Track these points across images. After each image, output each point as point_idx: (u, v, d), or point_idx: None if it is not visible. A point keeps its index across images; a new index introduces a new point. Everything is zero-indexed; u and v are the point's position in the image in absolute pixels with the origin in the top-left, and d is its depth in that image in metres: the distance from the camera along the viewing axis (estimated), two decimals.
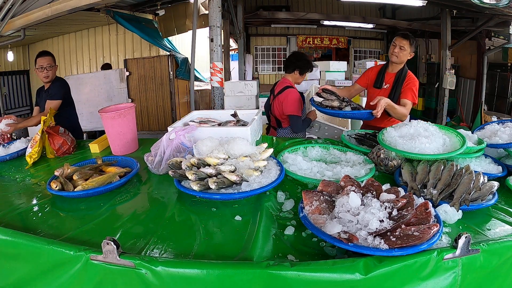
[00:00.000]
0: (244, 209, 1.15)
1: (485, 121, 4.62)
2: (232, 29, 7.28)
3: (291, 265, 0.77)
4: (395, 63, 2.23)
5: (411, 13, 8.32)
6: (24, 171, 1.67)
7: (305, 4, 9.50)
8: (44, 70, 2.52)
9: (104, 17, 5.14)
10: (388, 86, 2.25)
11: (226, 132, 1.56)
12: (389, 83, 2.24)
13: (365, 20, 8.55)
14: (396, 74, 2.23)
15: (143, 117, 5.97)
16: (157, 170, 1.49)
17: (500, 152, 1.62)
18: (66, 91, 2.62)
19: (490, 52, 6.47)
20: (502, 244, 0.90)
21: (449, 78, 6.34)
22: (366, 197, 1.01)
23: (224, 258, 0.88)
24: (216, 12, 3.39)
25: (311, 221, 0.95)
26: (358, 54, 10.68)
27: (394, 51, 2.18)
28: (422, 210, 0.95)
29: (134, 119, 1.90)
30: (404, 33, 2.20)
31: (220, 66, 3.48)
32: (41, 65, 2.51)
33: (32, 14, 3.82)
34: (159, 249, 0.92)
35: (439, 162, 1.31)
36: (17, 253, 0.95)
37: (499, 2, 3.59)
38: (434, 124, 1.56)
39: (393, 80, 2.22)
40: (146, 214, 1.15)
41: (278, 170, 1.32)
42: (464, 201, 1.09)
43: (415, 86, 2.17)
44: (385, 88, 2.25)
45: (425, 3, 5.28)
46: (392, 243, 0.81)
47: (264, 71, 10.90)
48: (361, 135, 1.90)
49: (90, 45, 6.86)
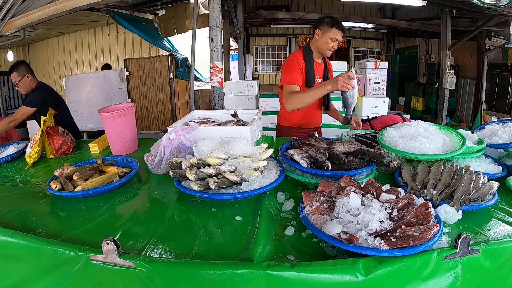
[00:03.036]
0: (244, 209, 1.15)
1: (485, 121, 4.62)
2: (232, 29, 7.28)
3: (292, 266, 0.77)
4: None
5: (411, 13, 8.32)
6: (24, 171, 1.66)
7: (305, 4, 9.50)
8: (16, 86, 2.58)
9: (104, 17, 5.14)
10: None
11: (226, 132, 1.56)
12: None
13: (365, 20, 8.55)
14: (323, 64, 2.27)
15: (143, 117, 5.97)
16: (157, 170, 1.49)
17: (500, 152, 1.62)
18: (46, 100, 2.61)
19: (490, 52, 6.47)
20: (502, 244, 0.90)
21: (449, 78, 6.34)
22: (366, 197, 1.01)
23: (224, 258, 0.88)
24: (216, 12, 3.39)
25: (311, 222, 0.95)
26: (358, 54, 10.68)
27: (335, 47, 2.15)
28: (422, 210, 0.95)
29: (134, 119, 1.90)
30: (341, 26, 2.11)
31: (220, 66, 3.47)
32: (12, 82, 2.61)
33: (32, 14, 3.82)
34: (159, 249, 0.92)
35: (439, 163, 1.31)
36: (17, 254, 0.95)
37: (499, 2, 3.59)
38: (434, 124, 1.56)
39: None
40: (146, 214, 1.15)
41: (278, 170, 1.32)
42: (464, 201, 1.09)
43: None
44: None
45: (425, 3, 5.27)
46: (392, 244, 0.81)
47: (264, 71, 10.90)
48: (361, 135, 1.90)
49: (90, 45, 6.86)
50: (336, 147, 1.42)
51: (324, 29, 2.10)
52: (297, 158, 1.33)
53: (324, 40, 2.11)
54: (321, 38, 2.12)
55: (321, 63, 2.28)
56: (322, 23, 2.12)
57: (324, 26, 2.10)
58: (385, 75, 4.93)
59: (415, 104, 8.44)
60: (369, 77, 4.92)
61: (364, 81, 4.93)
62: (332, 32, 2.07)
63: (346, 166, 1.33)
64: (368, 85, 4.89)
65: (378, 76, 4.92)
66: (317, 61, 2.23)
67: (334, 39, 2.09)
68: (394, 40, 10.54)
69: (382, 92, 4.91)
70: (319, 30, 2.12)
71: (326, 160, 1.31)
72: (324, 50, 2.14)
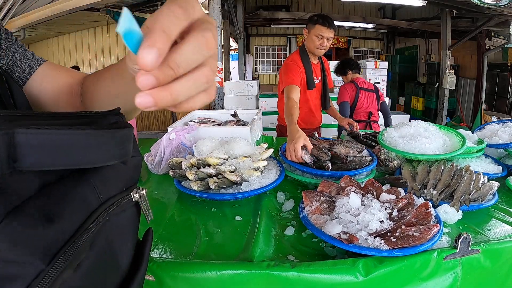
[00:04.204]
0: (244, 209, 1.15)
1: (485, 121, 4.62)
2: (232, 29, 7.29)
3: (292, 266, 0.77)
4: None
5: (411, 13, 8.32)
6: None
7: (305, 4, 9.50)
8: None
9: (104, 17, 5.14)
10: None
11: (226, 132, 1.56)
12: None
13: (365, 20, 8.56)
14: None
15: (143, 117, 5.98)
16: (157, 170, 1.49)
17: (500, 152, 1.62)
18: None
19: (490, 52, 6.47)
20: (502, 244, 0.90)
21: (449, 78, 6.35)
22: (367, 197, 1.01)
23: (225, 258, 0.88)
24: (216, 12, 3.39)
25: (311, 222, 0.95)
26: (358, 54, 10.69)
27: (324, 44, 2.08)
28: (423, 210, 0.95)
29: (134, 119, 1.90)
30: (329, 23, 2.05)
31: (220, 66, 3.48)
32: None
33: (32, 14, 3.82)
34: (159, 249, 0.92)
35: (439, 163, 1.31)
36: None
37: (499, 2, 3.60)
38: (434, 124, 1.56)
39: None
40: None
41: (278, 170, 1.32)
42: (464, 201, 1.09)
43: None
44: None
45: (425, 3, 5.28)
46: (392, 244, 0.81)
47: (264, 71, 10.90)
48: (361, 135, 1.90)
49: (90, 45, 6.87)
50: (337, 149, 1.42)
51: (309, 27, 2.08)
52: (301, 153, 1.32)
53: (310, 38, 2.08)
54: (308, 37, 2.09)
55: (318, 64, 2.27)
56: (308, 21, 2.10)
57: (309, 24, 2.07)
58: (385, 75, 4.94)
59: (415, 104, 8.45)
60: (369, 77, 4.93)
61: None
62: (316, 28, 2.03)
63: (347, 166, 1.33)
64: None
65: (378, 76, 4.93)
66: (314, 62, 2.22)
67: (319, 36, 2.03)
68: (394, 40, 10.55)
69: (382, 92, 4.91)
70: (306, 29, 2.10)
71: (327, 160, 1.31)
72: (313, 48, 2.09)
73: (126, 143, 0.36)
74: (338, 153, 1.35)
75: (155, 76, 0.27)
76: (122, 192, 0.40)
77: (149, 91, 0.27)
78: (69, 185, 0.33)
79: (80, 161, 0.31)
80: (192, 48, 0.28)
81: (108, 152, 0.33)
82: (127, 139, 0.36)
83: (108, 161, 0.34)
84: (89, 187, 0.34)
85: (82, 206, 0.33)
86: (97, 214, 0.34)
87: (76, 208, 0.32)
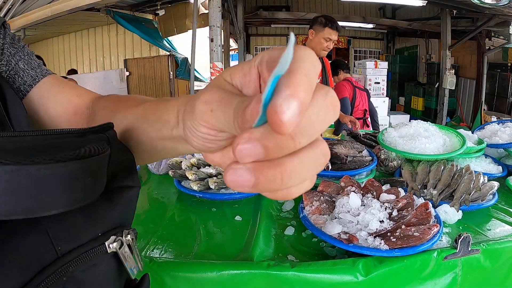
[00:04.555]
0: (244, 209, 1.15)
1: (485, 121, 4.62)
2: (232, 29, 7.29)
3: (292, 266, 0.77)
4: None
5: (411, 13, 8.32)
6: None
7: (305, 4, 9.49)
8: None
9: (104, 17, 5.14)
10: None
11: None
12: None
13: (365, 20, 8.56)
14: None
15: None
16: (157, 170, 1.49)
17: (500, 152, 1.62)
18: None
19: (490, 52, 6.47)
20: (502, 244, 0.90)
21: (449, 78, 6.34)
22: (366, 197, 1.01)
23: (225, 258, 0.88)
24: (216, 12, 3.39)
25: (311, 222, 0.95)
26: (358, 54, 10.68)
27: (330, 47, 2.11)
28: (422, 210, 0.95)
29: None
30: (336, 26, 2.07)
31: (220, 66, 3.48)
32: None
33: (32, 14, 3.82)
34: (159, 249, 0.92)
35: (439, 163, 1.31)
36: None
37: (499, 2, 3.60)
38: (434, 124, 1.56)
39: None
40: (146, 214, 1.15)
41: None
42: (464, 201, 1.09)
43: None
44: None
45: (425, 3, 5.28)
46: (392, 244, 0.81)
47: None
48: (361, 135, 1.90)
49: (90, 45, 6.86)
50: (337, 149, 1.42)
51: (317, 29, 2.07)
52: None
53: (317, 41, 2.08)
54: (315, 39, 2.09)
55: None
56: (315, 22, 2.09)
57: (317, 26, 2.07)
58: (385, 75, 4.95)
59: (415, 104, 8.44)
60: (369, 77, 4.93)
61: (364, 81, 4.94)
62: (325, 31, 2.04)
63: (347, 166, 1.33)
64: (368, 85, 4.89)
65: (378, 76, 4.93)
66: None
67: (327, 39, 2.05)
68: (394, 40, 10.54)
69: (382, 92, 4.92)
70: (313, 30, 2.10)
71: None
72: (318, 50, 2.10)
73: (94, 179, 0.26)
74: (338, 153, 1.35)
75: (264, 145, 0.17)
76: (96, 239, 0.29)
77: (250, 165, 0.18)
78: (11, 232, 0.24)
79: (13, 209, 0.21)
80: (317, 111, 0.19)
81: (53, 199, 0.23)
82: (94, 173, 0.26)
83: (55, 209, 0.23)
84: (41, 234, 0.25)
85: (28, 262, 0.24)
86: (49, 272, 0.25)
87: (16, 264, 0.23)
